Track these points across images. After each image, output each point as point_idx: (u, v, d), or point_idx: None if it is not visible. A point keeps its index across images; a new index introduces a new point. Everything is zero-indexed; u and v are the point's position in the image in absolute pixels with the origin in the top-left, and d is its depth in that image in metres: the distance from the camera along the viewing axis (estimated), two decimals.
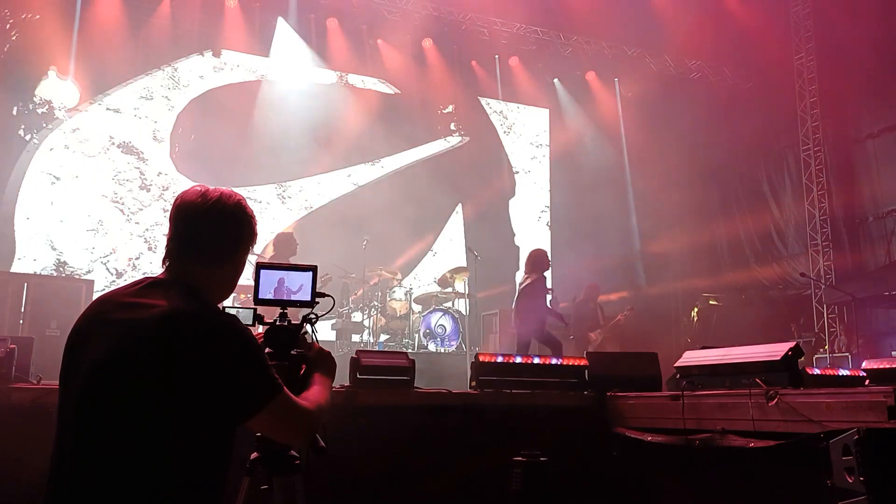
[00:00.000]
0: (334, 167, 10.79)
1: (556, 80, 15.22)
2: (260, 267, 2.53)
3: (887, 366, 5.32)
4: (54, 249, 8.70)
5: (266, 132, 10.03)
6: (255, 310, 2.50)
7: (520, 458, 4.68)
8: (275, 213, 10.55)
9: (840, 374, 6.72)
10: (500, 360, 6.25)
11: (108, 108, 9.30)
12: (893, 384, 4.15)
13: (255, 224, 2.22)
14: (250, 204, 2.23)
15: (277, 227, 10.77)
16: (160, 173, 9.63)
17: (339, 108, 10.65)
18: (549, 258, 9.28)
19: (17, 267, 8.64)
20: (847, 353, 10.87)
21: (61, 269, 8.59)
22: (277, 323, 2.49)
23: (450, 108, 12.41)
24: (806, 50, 14.38)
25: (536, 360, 6.36)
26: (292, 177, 10.65)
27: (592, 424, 5.72)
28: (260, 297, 2.54)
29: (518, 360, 6.28)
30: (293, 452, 2.43)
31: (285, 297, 2.58)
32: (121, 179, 9.32)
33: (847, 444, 3.28)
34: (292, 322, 2.51)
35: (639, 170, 15.01)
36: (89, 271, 8.74)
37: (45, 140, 8.96)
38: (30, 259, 8.75)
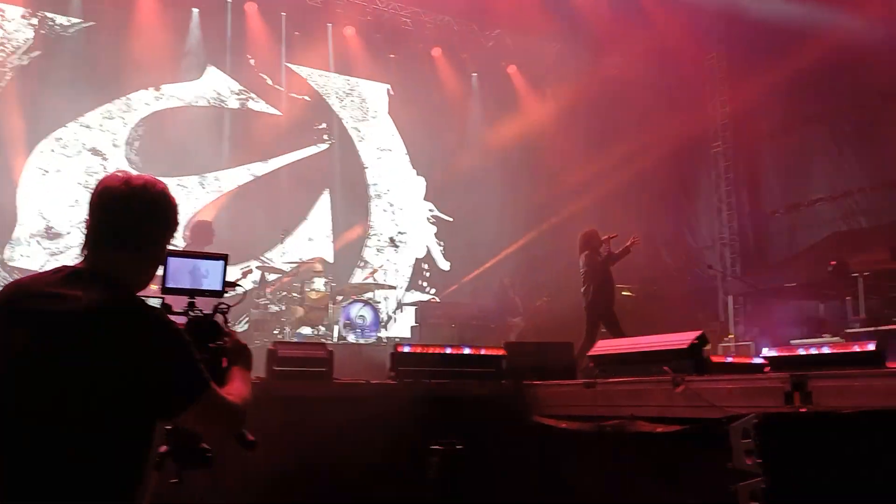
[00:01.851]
0: (239, 164, 13.69)
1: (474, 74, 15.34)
2: (168, 254, 2.44)
3: (785, 353, 5.61)
4: (44, 218, 11.88)
5: (190, 139, 12.67)
6: (162, 299, 2.41)
7: (437, 447, 4.72)
8: (197, 194, 13.18)
9: (742, 361, 7.05)
10: (419, 350, 6.28)
11: (81, 125, 12.48)
12: (790, 371, 4.36)
13: (178, 213, 2.16)
14: (175, 190, 2.18)
15: (198, 206, 12.89)
16: (117, 169, 11.91)
17: (239, 124, 13.79)
18: (588, 235, 9.50)
19: (17, 232, 11.69)
20: (750, 342, 11.38)
21: (49, 230, 11.83)
22: (191, 314, 2.43)
23: (323, 125, 14.92)
24: (717, 49, 14.94)
25: (455, 351, 6.42)
26: (209, 170, 13.32)
27: (509, 413, 5.80)
28: (168, 285, 2.45)
29: (437, 350, 6.32)
30: (204, 445, 2.37)
31: (194, 287, 2.51)
32: (90, 172, 12.30)
33: (746, 428, 3.43)
34: (204, 312, 2.45)
35: (560, 164, 15.29)
36: (69, 232, 11.83)
37: (38, 145, 12.09)
38: (27, 224, 11.84)
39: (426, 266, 15.00)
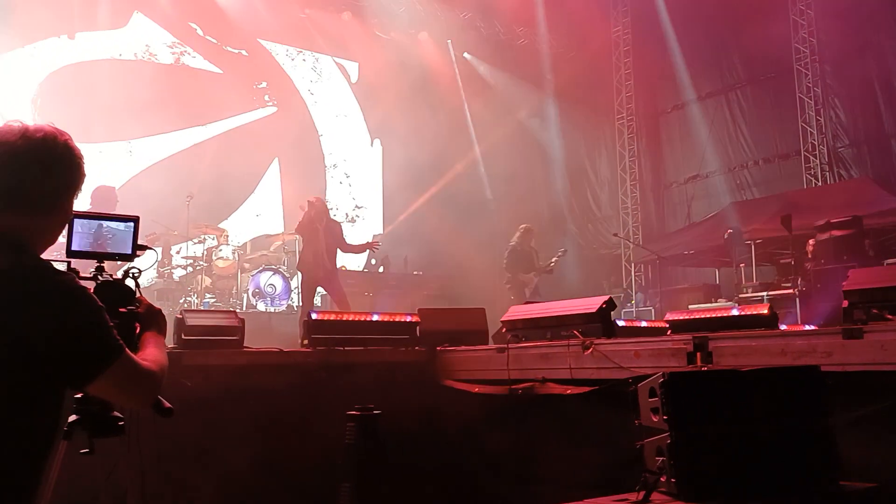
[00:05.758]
0: (172, 129, 12.26)
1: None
2: (74, 216, 2.30)
3: (686, 317, 5.89)
4: None
5: (115, 100, 10.90)
6: (68, 263, 2.28)
7: (353, 412, 4.72)
8: (120, 164, 11.63)
9: (646, 325, 7.35)
10: (332, 317, 6.23)
11: None
12: (691, 333, 4.58)
13: (84, 166, 1.98)
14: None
15: (120, 181, 11.02)
16: (12, 119, 11.11)
17: (173, 83, 12.36)
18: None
19: None
20: (651, 307, 11.88)
21: None
22: (100, 278, 2.31)
23: (264, 84, 13.98)
24: (622, 24, 15.30)
25: (368, 317, 6.40)
26: (137, 136, 11.88)
27: (423, 378, 5.86)
28: (74, 248, 2.31)
29: (350, 317, 6.29)
30: (116, 413, 2.28)
31: (103, 250, 2.38)
32: None
33: (653, 387, 3.56)
34: (114, 276, 2.34)
35: (471, 134, 15.36)
36: None
37: None
38: None
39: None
